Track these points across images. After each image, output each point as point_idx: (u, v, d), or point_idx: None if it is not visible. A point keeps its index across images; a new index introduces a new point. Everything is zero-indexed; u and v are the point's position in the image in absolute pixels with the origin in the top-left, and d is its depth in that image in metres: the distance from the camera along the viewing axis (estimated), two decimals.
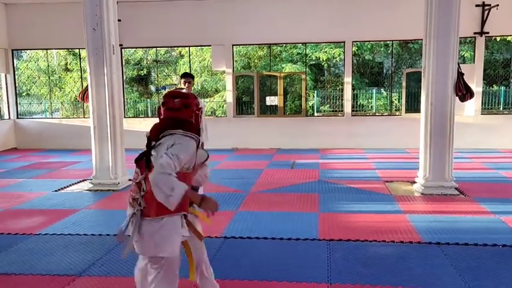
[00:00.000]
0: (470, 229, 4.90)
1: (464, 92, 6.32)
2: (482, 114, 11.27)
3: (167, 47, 15.24)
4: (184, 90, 4.54)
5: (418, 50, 17.45)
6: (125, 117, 9.74)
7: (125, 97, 12.92)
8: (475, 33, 10.73)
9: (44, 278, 3.77)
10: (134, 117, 14.71)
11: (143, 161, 2.51)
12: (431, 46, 6.26)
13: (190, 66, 14.19)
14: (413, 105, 11.33)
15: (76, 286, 3.63)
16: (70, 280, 3.70)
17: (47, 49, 13.54)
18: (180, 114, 2.56)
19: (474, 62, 11.10)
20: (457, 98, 6.42)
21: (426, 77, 6.39)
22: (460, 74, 6.34)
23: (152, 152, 2.47)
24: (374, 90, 18.15)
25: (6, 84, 12.24)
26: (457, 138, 6.62)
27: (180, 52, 18.63)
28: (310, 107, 16.82)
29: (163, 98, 2.62)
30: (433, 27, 6.22)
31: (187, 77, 5.74)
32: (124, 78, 13.38)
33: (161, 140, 2.48)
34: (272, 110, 12.07)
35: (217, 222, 5.16)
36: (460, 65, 6.43)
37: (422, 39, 6.60)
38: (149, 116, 16.77)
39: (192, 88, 5.83)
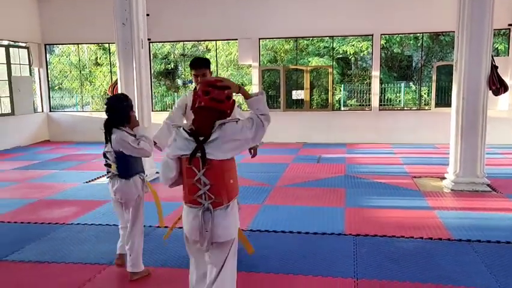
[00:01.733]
0: (502, 226, 4.76)
1: (498, 85, 6.13)
2: None
3: (195, 41, 15.34)
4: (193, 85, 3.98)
5: (449, 43, 16.97)
6: (152, 110, 9.88)
7: (152, 91, 13.10)
8: (509, 24, 10.34)
9: (76, 266, 3.90)
10: (161, 110, 14.91)
11: (198, 158, 2.37)
12: (464, 38, 6.08)
13: (216, 61, 14.26)
14: (443, 100, 11.06)
15: (107, 275, 3.73)
16: (101, 269, 3.81)
17: (78, 44, 13.88)
18: (223, 106, 2.44)
19: (508, 55, 10.71)
20: (490, 92, 6.23)
21: (458, 70, 6.21)
22: (494, 67, 6.14)
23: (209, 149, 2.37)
24: (403, 84, 17.79)
25: (40, 78, 12.62)
26: (490, 133, 6.43)
27: (207, 46, 18.73)
28: (336, 101, 16.65)
29: (206, 86, 2.44)
30: (466, 18, 6.03)
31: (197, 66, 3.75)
32: (152, 72, 13.56)
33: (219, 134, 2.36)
34: (298, 104, 12.01)
35: (243, 215, 5.19)
36: (494, 57, 6.23)
37: (453, 31, 6.42)
38: None
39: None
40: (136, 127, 3.64)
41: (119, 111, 3.55)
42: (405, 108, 16.05)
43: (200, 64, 3.72)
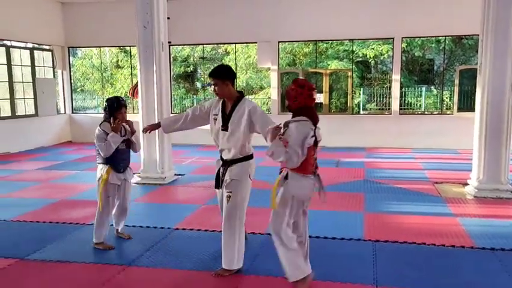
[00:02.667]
0: None
1: None
2: None
3: (214, 44, 15.43)
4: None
5: (473, 46, 16.65)
6: (172, 113, 9.97)
7: (172, 93, 13.22)
8: None
9: (96, 266, 3.94)
10: (180, 112, 15.04)
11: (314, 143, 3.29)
12: (488, 42, 5.96)
13: (235, 63, 14.30)
14: (466, 104, 10.84)
15: (126, 275, 3.77)
16: (120, 269, 3.85)
17: (100, 47, 14.11)
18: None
19: None
20: None
21: (483, 74, 6.09)
22: None
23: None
24: (424, 88, 17.51)
25: (63, 80, 12.88)
26: None
27: (226, 49, 18.82)
28: (356, 104, 16.50)
29: (312, 89, 3.34)
30: (491, 21, 5.92)
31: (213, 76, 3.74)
32: (172, 74, 13.70)
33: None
34: (317, 107, 11.93)
35: (260, 219, 5.18)
36: None
37: (477, 35, 6.29)
38: None
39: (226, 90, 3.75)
40: (114, 132, 4.19)
41: (104, 109, 4.26)
42: (426, 113, 15.80)
43: (215, 74, 3.72)
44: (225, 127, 3.71)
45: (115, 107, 4.19)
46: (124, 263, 3.98)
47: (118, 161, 4.29)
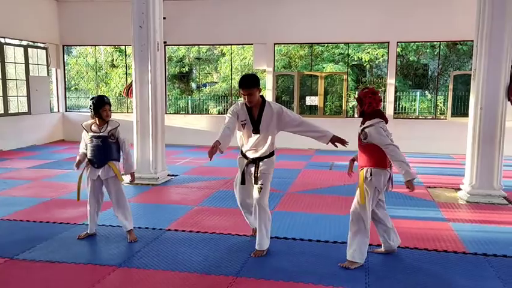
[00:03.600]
0: None
1: None
2: None
3: (210, 44, 15.41)
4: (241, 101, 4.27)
5: (467, 52, 16.75)
6: (166, 113, 9.93)
7: (167, 93, 13.18)
8: None
9: (86, 267, 3.90)
10: (175, 113, 15.00)
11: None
12: (483, 47, 5.99)
13: (231, 65, 14.30)
14: (459, 109, 10.89)
15: (116, 276, 3.73)
16: (111, 270, 3.81)
17: (95, 45, 14.04)
18: None
19: None
20: (509, 102, 6.11)
21: (477, 79, 6.11)
22: None
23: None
24: (418, 93, 17.59)
25: (57, 78, 12.80)
26: (507, 144, 6.30)
27: (222, 50, 18.81)
28: (350, 108, 16.52)
29: (378, 94, 3.99)
30: (485, 27, 5.95)
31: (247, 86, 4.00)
32: (167, 75, 13.66)
33: None
34: (312, 110, 11.95)
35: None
36: None
37: (471, 40, 6.33)
38: (190, 112, 17.04)
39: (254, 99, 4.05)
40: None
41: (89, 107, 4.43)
42: (420, 117, 15.86)
43: (248, 84, 4.00)
44: (256, 131, 4.08)
45: (99, 105, 4.35)
46: (115, 264, 3.93)
47: (91, 156, 4.47)
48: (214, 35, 11.78)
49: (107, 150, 4.44)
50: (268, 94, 11.79)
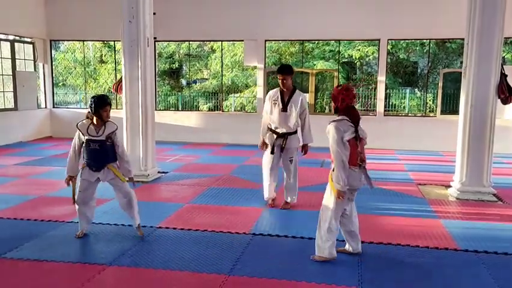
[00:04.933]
0: (509, 237, 4.69)
1: (507, 94, 6.05)
2: None
3: (201, 41, 15.28)
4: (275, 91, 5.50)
5: (455, 50, 16.89)
6: (156, 110, 9.84)
7: (156, 90, 13.06)
8: None
9: (75, 265, 3.83)
10: (165, 110, 14.87)
11: (358, 137, 3.80)
12: (474, 45, 6.01)
13: (222, 61, 14.22)
14: (448, 107, 10.98)
15: (106, 275, 3.67)
16: (101, 269, 3.74)
17: (83, 40, 13.84)
18: None
19: None
20: (499, 100, 6.16)
21: (467, 77, 6.14)
22: (503, 75, 6.07)
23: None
24: (408, 90, 17.70)
25: (44, 74, 12.59)
26: (496, 142, 6.34)
27: (212, 47, 18.69)
28: None
29: (351, 91, 3.89)
30: (476, 25, 5.97)
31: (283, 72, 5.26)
32: (156, 71, 13.53)
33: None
34: None
35: (245, 219, 5.14)
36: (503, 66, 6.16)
37: (460, 38, 6.36)
38: (180, 109, 16.93)
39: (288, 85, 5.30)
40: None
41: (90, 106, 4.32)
42: (410, 115, 15.97)
43: (286, 71, 5.30)
44: (284, 109, 5.26)
45: (99, 105, 4.22)
46: (105, 262, 3.87)
47: (88, 160, 4.33)
48: (205, 31, 11.68)
49: (105, 153, 4.32)
50: (259, 91, 11.75)
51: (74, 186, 4.41)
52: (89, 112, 4.30)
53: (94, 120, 4.27)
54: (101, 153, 4.30)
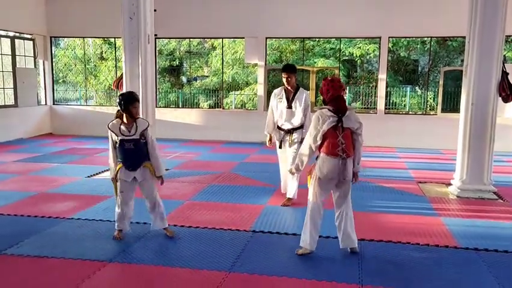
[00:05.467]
0: (509, 235, 4.68)
1: (508, 92, 6.04)
2: None
3: (201, 38, 15.27)
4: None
5: (456, 48, 16.86)
6: (156, 106, 9.83)
7: (157, 87, 13.04)
8: None
9: (76, 262, 3.83)
10: (165, 107, 14.86)
11: (340, 127, 3.83)
12: (475, 43, 5.99)
13: (222, 59, 14.19)
14: (449, 105, 10.96)
15: (107, 272, 3.67)
16: (101, 266, 3.74)
17: (84, 37, 13.82)
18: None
19: None
20: (500, 98, 6.15)
21: (468, 75, 6.13)
22: (505, 74, 6.06)
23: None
24: (408, 88, 17.68)
25: (44, 70, 12.58)
26: (497, 140, 6.33)
27: (213, 44, 18.66)
28: None
29: (341, 83, 3.97)
30: (478, 23, 5.95)
31: (287, 70, 5.50)
32: (157, 68, 13.51)
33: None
34: None
35: (246, 216, 5.14)
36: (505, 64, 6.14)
37: (461, 37, 6.35)
38: (180, 106, 16.92)
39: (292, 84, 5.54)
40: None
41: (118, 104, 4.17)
42: (410, 113, 15.95)
43: (289, 69, 5.51)
44: (289, 106, 5.52)
45: (129, 101, 4.12)
46: (105, 259, 3.87)
47: (124, 160, 4.23)
48: (205, 29, 11.66)
49: (140, 152, 4.23)
50: (260, 88, 11.74)
51: (116, 186, 4.34)
52: (118, 111, 4.19)
53: (124, 119, 4.17)
54: (137, 152, 4.20)
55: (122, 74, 7.19)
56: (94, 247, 4.17)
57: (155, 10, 7.30)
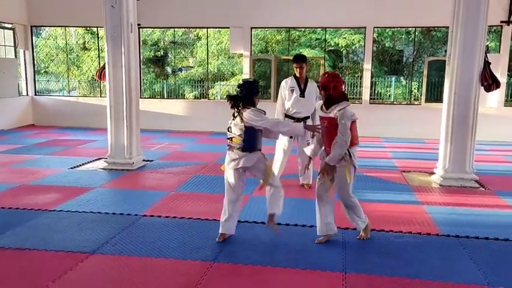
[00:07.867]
0: (490, 223, 4.77)
1: (490, 81, 6.10)
2: (505, 106, 10.95)
3: (186, 27, 15.11)
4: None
5: (441, 38, 16.99)
6: (141, 97, 9.71)
7: (141, 78, 12.87)
8: (501, 21, 10.35)
9: (58, 254, 3.78)
10: (150, 97, 14.71)
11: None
12: (458, 33, 6.03)
13: (207, 49, 14.08)
14: (433, 95, 11.06)
15: (89, 263, 3.63)
16: (84, 257, 3.70)
17: (65, 26, 13.54)
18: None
19: (499, 52, 10.74)
20: (482, 87, 6.22)
21: (451, 65, 6.18)
22: (487, 63, 6.12)
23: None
24: (393, 79, 17.79)
25: (25, 60, 12.31)
26: (478, 129, 6.42)
27: (197, 34, 18.48)
28: None
29: (340, 77, 4.12)
30: (461, 13, 5.99)
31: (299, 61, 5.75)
32: (141, 58, 13.33)
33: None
34: None
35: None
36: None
37: (445, 27, 6.38)
38: (165, 97, 16.76)
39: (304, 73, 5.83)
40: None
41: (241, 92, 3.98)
42: (395, 103, 16.07)
43: (301, 59, 5.82)
44: (302, 95, 5.76)
45: (256, 91, 4.06)
46: (88, 251, 3.83)
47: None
48: (190, 19, 11.53)
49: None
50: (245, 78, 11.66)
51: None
52: (241, 98, 3.98)
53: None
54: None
55: (104, 64, 7.07)
56: (77, 239, 4.11)
57: None
